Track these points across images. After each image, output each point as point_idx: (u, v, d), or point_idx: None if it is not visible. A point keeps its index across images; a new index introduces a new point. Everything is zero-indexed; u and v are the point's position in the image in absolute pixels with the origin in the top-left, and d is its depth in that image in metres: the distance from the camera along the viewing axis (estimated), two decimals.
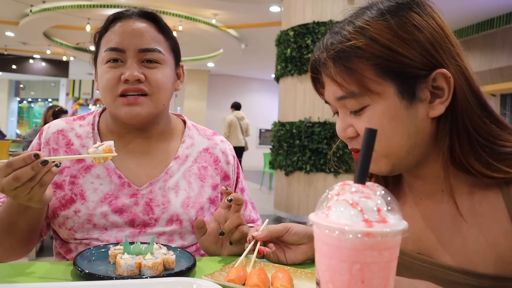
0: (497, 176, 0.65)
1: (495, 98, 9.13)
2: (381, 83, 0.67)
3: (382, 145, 0.69)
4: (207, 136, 1.20)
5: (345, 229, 0.41)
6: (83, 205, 1.01)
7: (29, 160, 0.76)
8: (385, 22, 0.66)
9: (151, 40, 1.02)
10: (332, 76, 0.69)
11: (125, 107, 1.00)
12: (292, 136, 5.56)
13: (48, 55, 14.03)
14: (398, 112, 0.67)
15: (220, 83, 16.20)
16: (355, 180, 0.47)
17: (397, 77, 0.66)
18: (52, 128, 1.08)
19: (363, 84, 0.67)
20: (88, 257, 0.84)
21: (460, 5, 7.55)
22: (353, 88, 0.68)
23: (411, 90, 0.67)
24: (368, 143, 0.48)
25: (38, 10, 9.42)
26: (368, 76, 0.66)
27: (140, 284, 0.67)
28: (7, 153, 8.93)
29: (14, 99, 19.85)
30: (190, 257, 0.85)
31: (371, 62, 0.66)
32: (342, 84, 0.68)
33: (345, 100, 0.70)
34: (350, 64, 0.67)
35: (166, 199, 1.05)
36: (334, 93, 0.71)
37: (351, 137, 0.72)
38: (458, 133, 0.67)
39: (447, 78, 0.67)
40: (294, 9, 5.69)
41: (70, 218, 1.00)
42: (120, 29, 1.02)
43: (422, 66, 0.66)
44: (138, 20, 1.04)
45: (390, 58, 0.65)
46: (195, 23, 9.63)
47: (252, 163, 15.53)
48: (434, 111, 0.68)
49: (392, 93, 0.67)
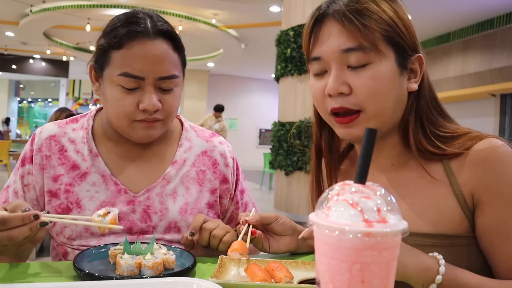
0: (438, 152, 0.79)
1: (495, 98, 9.13)
2: (387, 47, 0.77)
3: (379, 102, 0.77)
4: (206, 138, 1.17)
5: (345, 229, 0.41)
6: (80, 214, 0.98)
7: (28, 220, 0.73)
8: (387, 3, 0.79)
9: (170, 66, 0.96)
10: (348, 27, 0.76)
11: (142, 131, 0.99)
12: (292, 135, 5.55)
13: (48, 55, 14.03)
14: (395, 75, 0.78)
15: (220, 83, 16.20)
16: (355, 180, 0.47)
17: (397, 48, 0.78)
18: (44, 134, 1.04)
19: (374, 42, 0.75)
20: (88, 257, 0.84)
21: (460, 5, 7.55)
22: (364, 42, 0.75)
23: (404, 62, 0.79)
24: (368, 143, 0.48)
25: (38, 10, 9.41)
26: (379, 37, 0.76)
27: (140, 284, 0.67)
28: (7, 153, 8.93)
29: (14, 99, 19.85)
30: (190, 257, 0.85)
31: (382, 27, 0.76)
32: (355, 37, 0.75)
33: (351, 53, 0.76)
34: (366, 21, 0.75)
35: (163, 206, 1.03)
36: (341, 45, 0.76)
37: (341, 94, 0.78)
38: (416, 118, 0.81)
39: (421, 63, 0.81)
40: (294, 9, 5.68)
41: (67, 227, 0.98)
42: (140, 53, 0.92)
43: (412, 47, 0.79)
44: (157, 40, 0.94)
45: (394, 31, 0.77)
46: (195, 23, 9.63)
47: (252, 163, 15.53)
48: (411, 85, 0.81)
49: (393, 58, 0.77)
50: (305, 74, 5.48)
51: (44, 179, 1.01)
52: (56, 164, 1.02)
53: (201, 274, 0.82)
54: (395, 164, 0.85)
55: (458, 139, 0.78)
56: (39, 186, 1.01)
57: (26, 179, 1.02)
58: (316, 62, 0.81)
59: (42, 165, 1.02)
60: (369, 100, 0.76)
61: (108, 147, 1.06)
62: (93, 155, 1.03)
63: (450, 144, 0.78)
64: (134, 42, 0.93)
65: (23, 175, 1.02)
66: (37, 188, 1.02)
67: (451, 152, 0.77)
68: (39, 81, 18.58)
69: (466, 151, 0.76)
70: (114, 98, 0.96)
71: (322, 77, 0.81)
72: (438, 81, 9.31)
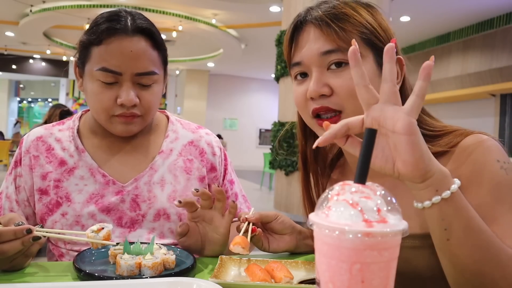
0: None
1: (495, 98, 9.13)
2: (365, 49, 0.79)
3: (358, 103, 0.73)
4: (192, 130, 1.18)
5: (345, 229, 0.41)
6: (70, 207, 1.00)
7: (20, 234, 0.73)
8: (364, 8, 0.81)
9: (148, 62, 0.99)
10: (326, 31, 0.78)
11: (120, 125, 1.01)
12: (292, 136, 5.55)
13: (48, 55, 14.04)
14: (375, 76, 0.78)
15: (220, 83, 16.21)
16: (355, 180, 0.47)
17: (375, 50, 0.79)
18: (31, 136, 1.07)
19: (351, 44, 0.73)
20: (88, 257, 0.84)
21: (460, 5, 7.55)
22: (342, 44, 0.77)
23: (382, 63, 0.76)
24: (368, 143, 0.48)
25: (38, 10, 9.42)
26: (356, 39, 0.76)
27: (140, 284, 0.67)
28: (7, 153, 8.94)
29: (14, 99, 19.86)
30: (190, 257, 0.85)
31: (359, 30, 0.78)
32: (334, 39, 0.77)
33: (330, 55, 0.78)
34: (342, 24, 0.78)
35: (152, 194, 1.05)
36: (320, 48, 0.79)
37: (322, 96, 0.79)
38: None
39: (402, 65, 0.81)
40: (294, 9, 5.69)
41: (58, 221, 1.00)
42: (117, 49, 0.96)
43: None
44: (135, 37, 0.97)
45: (371, 33, 0.79)
46: (195, 23, 9.64)
47: (252, 163, 15.54)
48: None
49: (371, 59, 0.79)
50: None
51: (33, 179, 1.03)
52: (44, 162, 1.04)
53: (201, 274, 0.82)
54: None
55: (445, 137, 0.78)
56: (29, 186, 1.03)
57: (17, 182, 1.05)
58: (297, 67, 0.83)
59: (30, 165, 1.04)
60: (350, 100, 0.77)
61: (94, 142, 1.08)
62: (80, 151, 1.06)
63: (436, 142, 0.77)
64: (113, 38, 0.96)
65: (15, 178, 1.05)
66: (27, 189, 1.04)
67: (436, 151, 0.75)
68: (39, 81, 18.58)
69: (452, 148, 0.75)
70: (94, 93, 0.99)
71: (303, 81, 0.83)
72: (438, 81, 9.32)
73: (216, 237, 0.92)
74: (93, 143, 1.08)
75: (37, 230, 0.76)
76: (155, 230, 1.03)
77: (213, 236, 0.93)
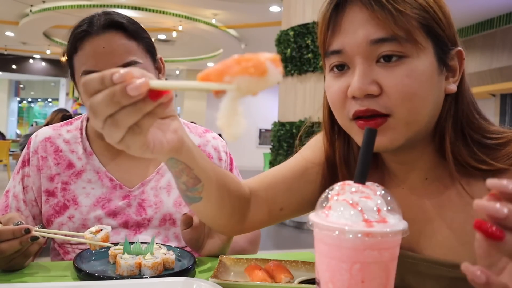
0: (483, 168, 0.65)
1: (495, 98, 9.13)
2: (425, 38, 0.63)
3: (413, 106, 0.63)
4: (199, 134, 1.19)
5: (345, 229, 0.41)
6: (77, 211, 1.01)
7: (19, 234, 0.73)
8: None
9: (125, 54, 0.97)
10: (378, 13, 0.62)
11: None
12: (292, 136, 5.56)
13: (48, 55, 14.03)
14: (434, 74, 0.64)
15: None
16: (355, 180, 0.47)
17: (436, 40, 0.64)
18: (39, 137, 1.08)
19: (410, 32, 0.62)
20: (88, 257, 0.84)
21: (460, 5, 7.55)
22: (399, 32, 0.61)
23: (443, 57, 0.65)
24: (368, 143, 0.48)
25: (38, 10, 9.42)
26: (415, 25, 0.62)
27: (140, 284, 0.67)
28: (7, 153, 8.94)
29: (14, 99, 19.84)
30: (190, 257, 0.85)
31: (418, 14, 0.62)
32: (388, 24, 0.61)
33: (383, 45, 0.62)
34: (399, 5, 0.61)
35: (158, 199, 1.05)
36: (369, 35, 0.63)
37: (368, 96, 0.63)
38: (454, 124, 0.67)
39: (461, 59, 0.67)
40: (294, 9, 5.68)
41: (64, 224, 1.01)
42: (91, 49, 0.97)
43: (452, 39, 0.66)
44: (106, 34, 0.97)
45: (433, 17, 0.64)
46: (195, 23, 9.63)
47: (252, 163, 15.52)
48: (450, 86, 0.67)
49: (432, 53, 0.64)
50: (305, 74, 5.48)
51: (41, 180, 1.04)
52: (52, 164, 1.04)
53: (201, 274, 0.82)
54: (429, 178, 0.72)
55: (506, 148, 0.65)
56: (36, 187, 1.04)
57: (25, 182, 1.05)
58: (335, 56, 0.66)
59: (38, 166, 1.05)
60: (404, 103, 0.62)
61: (102, 145, 1.08)
62: (88, 153, 1.06)
63: (495, 155, 0.65)
64: (85, 41, 0.98)
65: (23, 178, 1.05)
66: (34, 189, 1.04)
67: (498, 168, 0.64)
68: (39, 81, 18.57)
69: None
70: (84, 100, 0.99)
71: (342, 75, 0.67)
72: None
73: (217, 239, 0.93)
74: (101, 146, 1.08)
75: (35, 230, 0.76)
76: (160, 235, 1.04)
77: (214, 238, 0.94)
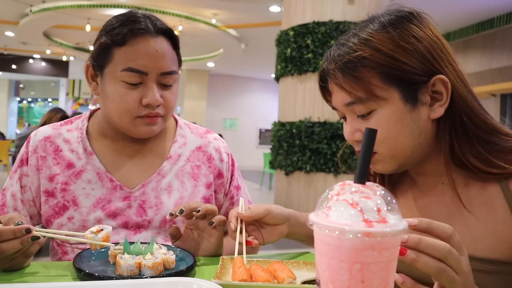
0: (495, 172, 0.71)
1: (495, 98, 9.13)
2: (386, 89, 0.73)
3: (389, 146, 0.74)
4: (200, 135, 1.18)
5: (345, 229, 0.41)
6: (76, 211, 1.00)
7: (19, 233, 0.73)
8: (387, 34, 0.73)
9: (171, 62, 1.01)
10: (341, 84, 0.75)
11: (144, 126, 1.01)
12: (292, 136, 5.55)
13: (48, 55, 14.03)
14: (403, 115, 0.73)
15: (220, 83, 16.20)
16: (355, 180, 0.47)
17: (401, 84, 0.72)
18: (39, 136, 1.06)
19: (369, 91, 0.73)
20: (88, 257, 0.83)
21: (460, 5, 7.55)
22: (360, 95, 0.73)
23: (413, 94, 0.73)
24: (368, 143, 0.48)
25: (38, 10, 9.41)
26: (374, 83, 0.72)
27: (140, 284, 0.67)
28: (7, 153, 8.94)
29: (14, 99, 19.86)
30: (190, 257, 0.85)
31: (376, 71, 0.72)
32: (350, 92, 0.74)
33: (353, 106, 0.75)
34: (357, 73, 0.73)
35: (159, 200, 1.04)
36: (343, 100, 0.77)
37: (358, 141, 0.78)
38: (457, 133, 0.74)
39: (445, 83, 0.73)
40: (294, 9, 5.68)
41: (64, 225, 1.00)
42: (143, 49, 0.96)
43: (422, 73, 0.72)
44: (159, 37, 0.99)
45: (393, 66, 0.71)
46: (195, 23, 9.63)
47: (252, 163, 15.54)
48: (434, 113, 0.74)
49: (397, 98, 0.73)
50: (305, 74, 5.48)
51: (40, 180, 1.03)
52: (51, 164, 1.03)
53: (201, 274, 0.82)
54: (445, 183, 0.79)
55: None
56: (35, 187, 1.03)
57: (23, 181, 1.04)
58: (338, 111, 0.82)
59: (37, 166, 1.03)
60: (381, 145, 0.75)
61: (103, 145, 1.07)
62: (88, 153, 1.05)
63: (507, 158, 0.71)
64: (138, 39, 0.96)
65: (21, 177, 1.04)
66: (33, 189, 1.03)
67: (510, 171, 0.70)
68: (39, 81, 18.58)
69: None
70: (117, 95, 0.98)
71: (347, 123, 0.81)
72: None
73: (209, 245, 0.93)
74: (101, 145, 1.07)
75: (36, 230, 0.76)
76: (160, 236, 1.03)
77: (206, 244, 0.94)
